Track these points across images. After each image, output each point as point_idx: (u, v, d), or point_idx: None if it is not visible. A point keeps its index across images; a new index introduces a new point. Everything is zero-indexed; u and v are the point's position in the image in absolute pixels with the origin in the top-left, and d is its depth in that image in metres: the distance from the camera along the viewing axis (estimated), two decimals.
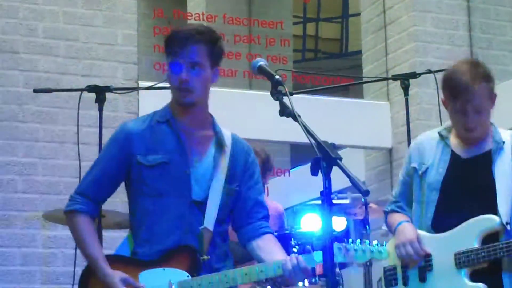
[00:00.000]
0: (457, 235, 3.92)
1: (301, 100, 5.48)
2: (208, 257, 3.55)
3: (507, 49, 8.30)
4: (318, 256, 3.36)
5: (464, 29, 8.17)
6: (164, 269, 3.52)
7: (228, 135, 3.71)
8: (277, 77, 3.29)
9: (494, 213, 3.88)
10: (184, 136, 3.62)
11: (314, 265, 3.42)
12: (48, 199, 6.74)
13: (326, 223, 3.00)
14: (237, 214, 3.70)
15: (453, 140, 4.06)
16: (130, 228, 3.70)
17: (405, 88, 5.80)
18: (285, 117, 3.23)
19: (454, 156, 4.03)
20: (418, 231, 4.01)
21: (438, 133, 4.10)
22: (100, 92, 5.35)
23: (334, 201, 5.10)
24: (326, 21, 15.25)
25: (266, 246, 3.61)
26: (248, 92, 8.15)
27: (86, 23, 7.14)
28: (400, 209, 4.18)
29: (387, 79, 7.70)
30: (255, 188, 3.71)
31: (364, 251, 3.37)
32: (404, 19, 8.12)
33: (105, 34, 7.18)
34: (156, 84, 5.40)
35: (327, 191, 2.97)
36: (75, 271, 5.45)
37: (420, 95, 7.77)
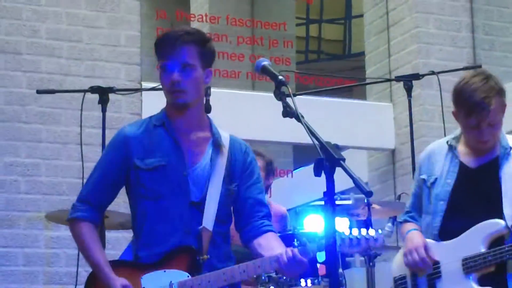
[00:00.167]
0: (464, 241, 3.92)
1: (304, 101, 5.45)
2: (208, 257, 3.54)
3: (510, 51, 8.30)
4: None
5: (467, 31, 8.17)
6: (165, 271, 3.52)
7: (226, 136, 3.71)
8: (281, 78, 3.28)
9: (500, 217, 3.88)
10: (181, 138, 3.62)
11: (309, 258, 3.41)
12: (51, 200, 6.75)
13: (329, 224, 3.00)
14: (238, 214, 3.70)
15: (462, 149, 4.06)
16: (133, 232, 3.71)
17: (408, 89, 5.79)
18: (288, 118, 3.22)
19: (463, 167, 4.03)
20: (426, 240, 4.02)
21: (447, 143, 4.10)
22: (103, 93, 5.35)
23: (337, 202, 5.11)
24: (329, 23, 15.26)
25: (267, 244, 3.59)
26: (251, 93, 8.15)
27: (89, 25, 7.14)
28: (412, 219, 4.20)
29: (390, 80, 7.68)
30: (255, 187, 3.70)
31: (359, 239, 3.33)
32: (407, 21, 8.12)
33: (108, 35, 7.18)
34: (159, 85, 5.38)
35: (330, 192, 2.97)
36: (78, 272, 5.46)
37: (423, 96, 7.77)
